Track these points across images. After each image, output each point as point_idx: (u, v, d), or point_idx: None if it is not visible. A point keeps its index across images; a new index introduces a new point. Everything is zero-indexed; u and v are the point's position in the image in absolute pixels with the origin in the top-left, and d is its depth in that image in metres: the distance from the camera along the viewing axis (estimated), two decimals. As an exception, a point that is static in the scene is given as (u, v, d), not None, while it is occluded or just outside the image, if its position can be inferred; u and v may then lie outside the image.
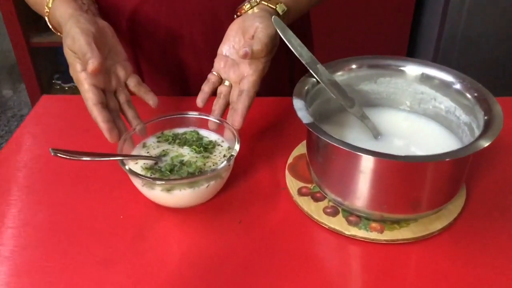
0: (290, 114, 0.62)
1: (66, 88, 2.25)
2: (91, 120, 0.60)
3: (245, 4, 0.68)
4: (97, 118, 0.58)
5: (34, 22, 2.09)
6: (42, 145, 0.73)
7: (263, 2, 0.67)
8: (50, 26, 0.71)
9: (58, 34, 0.70)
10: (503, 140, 0.67)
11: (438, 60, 1.90)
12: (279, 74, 0.87)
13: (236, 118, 0.60)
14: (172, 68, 0.84)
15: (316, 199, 0.60)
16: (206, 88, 0.65)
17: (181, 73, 0.84)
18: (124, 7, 0.77)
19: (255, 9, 0.67)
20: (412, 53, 2.14)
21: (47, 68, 2.25)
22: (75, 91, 2.08)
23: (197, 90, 0.65)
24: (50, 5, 0.67)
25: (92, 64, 0.56)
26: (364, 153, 0.50)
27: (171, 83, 0.87)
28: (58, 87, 2.26)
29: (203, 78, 0.66)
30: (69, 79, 2.27)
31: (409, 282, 0.51)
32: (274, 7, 0.67)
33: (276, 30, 0.62)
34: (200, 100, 0.64)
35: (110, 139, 0.58)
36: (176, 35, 0.79)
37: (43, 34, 2.10)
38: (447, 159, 0.50)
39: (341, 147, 0.51)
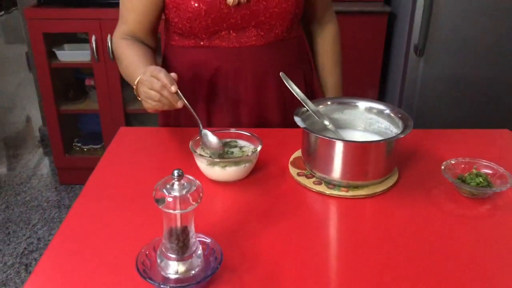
0: (290, 136, 1.02)
1: (85, 150, 2.63)
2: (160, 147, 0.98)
3: None
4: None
5: (63, 93, 2.52)
6: (124, 170, 1.09)
7: None
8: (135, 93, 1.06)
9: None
10: (425, 144, 1.09)
11: (403, 99, 2.39)
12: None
13: None
14: (230, 108, 1.22)
15: (308, 177, 0.99)
16: None
17: (237, 111, 1.22)
18: (207, 68, 1.17)
19: None
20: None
21: (69, 132, 2.64)
22: (93, 152, 2.46)
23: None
24: (135, 83, 1.04)
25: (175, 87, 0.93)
26: (336, 140, 0.90)
27: (226, 116, 1.24)
28: (78, 148, 2.64)
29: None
30: (87, 142, 2.66)
31: (364, 219, 0.89)
32: None
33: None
34: None
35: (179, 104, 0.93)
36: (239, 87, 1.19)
37: (69, 103, 2.53)
38: (382, 142, 0.91)
39: (321, 137, 0.91)
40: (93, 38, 2.27)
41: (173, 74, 0.95)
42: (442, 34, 2.24)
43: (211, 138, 1.00)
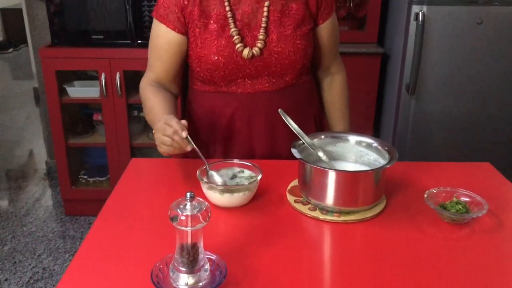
0: (289, 166, 1.13)
1: (91, 182, 2.72)
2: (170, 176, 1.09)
3: None
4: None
5: (71, 127, 2.64)
6: (138, 196, 1.20)
7: None
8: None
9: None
10: (411, 175, 1.19)
11: (397, 133, 2.50)
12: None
13: None
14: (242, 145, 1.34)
15: (304, 204, 1.08)
16: None
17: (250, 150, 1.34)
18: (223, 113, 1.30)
19: None
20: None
21: (76, 165, 2.74)
22: (98, 184, 2.56)
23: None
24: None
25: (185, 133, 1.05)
26: (328, 169, 1.01)
27: (241, 152, 1.35)
28: (83, 181, 2.73)
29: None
30: (93, 174, 2.76)
31: (354, 242, 0.99)
32: None
33: None
34: None
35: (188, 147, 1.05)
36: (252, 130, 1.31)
37: (77, 137, 2.64)
38: (370, 172, 1.01)
39: (315, 167, 1.02)
40: (103, 75, 2.41)
41: (183, 121, 1.06)
42: (432, 73, 2.38)
43: (217, 179, 1.10)
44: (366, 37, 2.66)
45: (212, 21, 1.23)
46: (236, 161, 1.16)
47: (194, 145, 1.07)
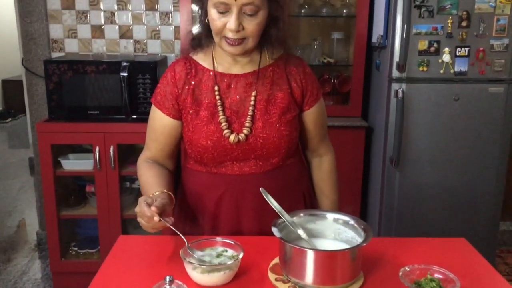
0: (271, 243, 1.17)
1: (81, 253, 2.72)
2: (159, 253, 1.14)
3: None
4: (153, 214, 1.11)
5: (64, 198, 2.68)
6: (123, 275, 1.23)
7: None
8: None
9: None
10: (389, 251, 1.23)
11: (383, 204, 2.54)
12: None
13: None
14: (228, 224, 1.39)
15: (285, 282, 1.12)
16: None
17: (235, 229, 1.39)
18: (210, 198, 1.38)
19: None
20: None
21: (67, 236, 2.75)
22: (88, 256, 2.58)
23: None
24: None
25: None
26: (307, 249, 1.06)
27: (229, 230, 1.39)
28: (74, 252, 2.73)
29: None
30: (83, 246, 2.76)
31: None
32: None
33: None
34: None
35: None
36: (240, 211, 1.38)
37: (69, 208, 2.68)
38: (347, 251, 1.06)
39: (294, 246, 1.06)
40: (97, 149, 2.49)
41: (153, 208, 1.13)
42: (414, 147, 2.49)
43: (199, 258, 1.14)
44: (350, 111, 2.78)
45: (203, 108, 1.33)
46: (218, 239, 1.21)
47: (170, 226, 1.15)
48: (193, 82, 1.35)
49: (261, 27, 1.25)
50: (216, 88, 1.33)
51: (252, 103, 1.33)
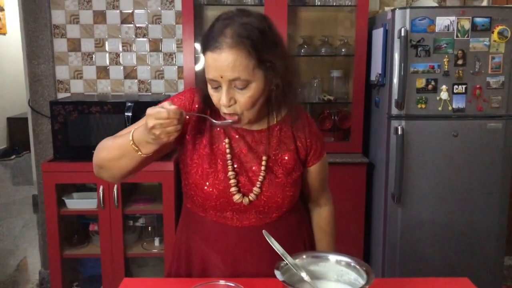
0: (274, 286, 1.18)
1: (84, 293, 2.71)
2: None
3: None
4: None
5: (67, 238, 2.69)
6: None
7: None
8: (133, 145, 1.19)
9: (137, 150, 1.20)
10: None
11: (387, 241, 2.52)
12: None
13: None
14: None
15: (288, 325, 1.12)
16: None
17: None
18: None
19: None
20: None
21: (69, 276, 2.74)
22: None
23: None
24: (130, 138, 1.18)
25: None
26: (308, 293, 1.06)
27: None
28: (76, 292, 2.72)
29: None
30: (86, 286, 2.75)
31: None
32: None
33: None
34: None
35: None
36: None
37: (72, 247, 2.68)
38: (347, 294, 1.07)
39: (298, 290, 1.07)
40: (101, 188, 2.51)
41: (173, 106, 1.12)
42: (415, 182, 2.50)
43: None
44: (351, 147, 2.81)
45: (211, 152, 1.33)
46: (222, 282, 1.22)
47: (196, 114, 1.24)
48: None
49: (255, 99, 1.23)
50: (226, 140, 1.34)
51: (263, 168, 1.33)
